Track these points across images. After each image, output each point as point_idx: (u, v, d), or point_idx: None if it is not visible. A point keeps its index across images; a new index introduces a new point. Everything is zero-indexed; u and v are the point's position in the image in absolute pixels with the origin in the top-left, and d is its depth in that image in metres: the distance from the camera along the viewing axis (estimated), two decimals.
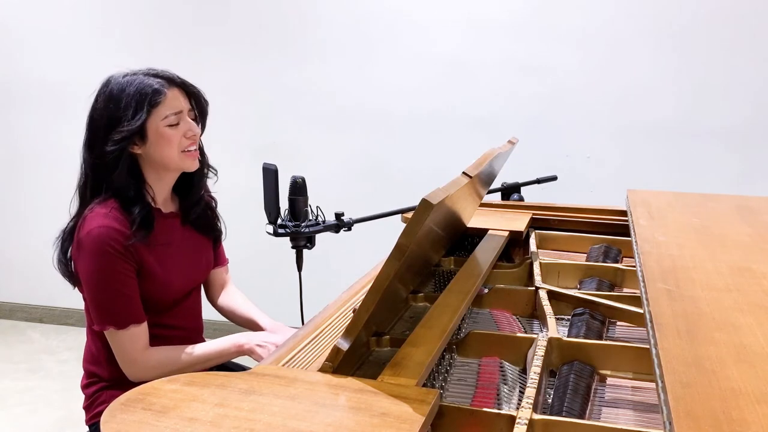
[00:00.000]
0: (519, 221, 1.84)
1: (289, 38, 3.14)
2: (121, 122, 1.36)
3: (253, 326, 1.67)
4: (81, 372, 1.58)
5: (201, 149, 1.54)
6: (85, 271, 1.39)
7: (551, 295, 1.35)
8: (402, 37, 3.01)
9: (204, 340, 1.69)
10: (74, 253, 1.41)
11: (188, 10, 3.23)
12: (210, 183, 1.63)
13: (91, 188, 1.44)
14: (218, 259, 1.71)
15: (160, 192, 1.50)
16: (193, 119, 1.47)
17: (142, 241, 1.41)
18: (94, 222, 1.36)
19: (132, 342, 1.41)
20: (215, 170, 1.61)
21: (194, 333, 1.64)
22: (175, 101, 1.41)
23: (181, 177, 1.53)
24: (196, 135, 1.46)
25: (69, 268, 1.45)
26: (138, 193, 1.43)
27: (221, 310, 1.74)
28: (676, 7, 2.72)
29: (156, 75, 1.41)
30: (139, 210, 1.41)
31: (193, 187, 1.56)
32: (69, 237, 1.44)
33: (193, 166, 1.48)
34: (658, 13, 2.74)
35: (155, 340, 1.48)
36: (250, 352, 1.46)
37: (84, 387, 1.56)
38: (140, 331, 1.42)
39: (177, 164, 1.45)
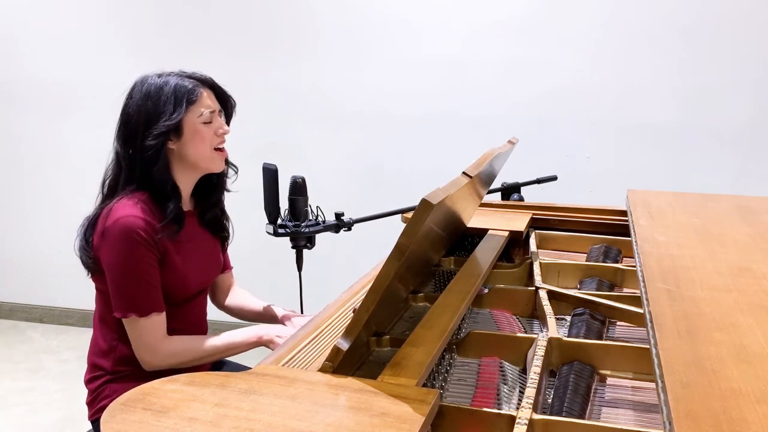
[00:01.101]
0: (519, 221, 1.84)
1: (290, 38, 3.14)
2: (160, 118, 1.43)
3: (263, 318, 1.71)
4: (81, 372, 1.58)
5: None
6: (110, 259, 1.41)
7: (551, 295, 1.35)
8: (403, 38, 3.01)
9: None
10: (98, 242, 1.43)
11: (188, 10, 3.23)
12: (228, 182, 1.65)
13: (124, 181, 1.47)
14: (225, 263, 1.74)
15: (184, 190, 1.53)
16: (222, 119, 1.54)
17: (172, 238, 1.45)
18: (122, 211, 1.39)
19: (153, 330, 1.43)
20: (236, 168, 1.64)
21: (200, 332, 1.64)
22: (208, 100, 1.49)
23: (202, 177, 1.57)
24: (226, 133, 1.53)
25: (89, 256, 1.46)
26: (174, 189, 1.48)
27: (230, 309, 1.77)
28: (676, 7, 2.72)
29: (189, 76, 1.49)
30: (173, 207, 1.46)
31: (215, 187, 1.61)
32: (93, 225, 1.46)
33: (220, 166, 1.55)
34: (658, 13, 2.74)
35: None
36: (269, 343, 1.49)
37: (87, 381, 1.56)
38: (160, 320, 1.45)
39: (207, 162, 1.51)
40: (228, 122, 1.57)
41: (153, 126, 1.42)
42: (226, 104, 1.56)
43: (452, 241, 1.73)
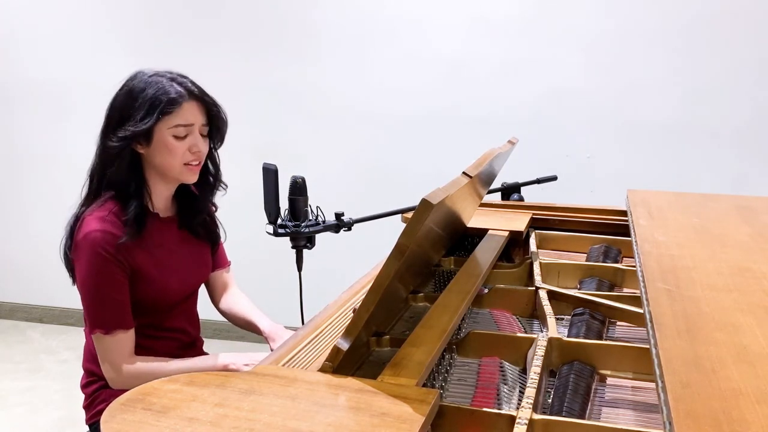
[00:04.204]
0: (519, 221, 1.84)
1: (289, 38, 3.14)
2: (130, 120, 1.37)
3: (252, 329, 1.67)
4: (81, 372, 1.58)
5: (216, 165, 1.55)
6: (80, 273, 1.39)
7: (551, 295, 1.35)
8: (402, 38, 3.01)
9: (202, 342, 1.69)
10: (72, 254, 1.42)
11: (188, 9, 3.23)
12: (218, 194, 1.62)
13: (98, 177, 1.45)
14: (220, 261, 1.70)
15: (159, 195, 1.49)
16: (204, 135, 1.46)
17: (132, 239, 1.39)
18: (91, 225, 1.37)
19: (117, 348, 1.40)
20: (225, 186, 1.60)
21: (192, 336, 1.64)
22: (188, 114, 1.40)
23: (187, 186, 1.53)
24: (201, 152, 1.44)
25: (71, 261, 1.45)
26: (137, 190, 1.43)
27: (223, 313, 1.74)
28: (677, 7, 2.72)
29: (180, 83, 1.40)
30: (134, 207, 1.41)
31: (198, 201, 1.56)
32: (73, 228, 1.44)
33: (191, 179, 1.47)
34: (659, 13, 2.74)
35: (154, 341, 1.48)
36: None
37: (83, 386, 1.56)
38: (126, 338, 1.41)
39: (176, 175, 1.45)
40: (218, 139, 1.49)
41: (121, 127, 1.38)
42: (214, 120, 1.46)
43: (452, 241, 1.73)
